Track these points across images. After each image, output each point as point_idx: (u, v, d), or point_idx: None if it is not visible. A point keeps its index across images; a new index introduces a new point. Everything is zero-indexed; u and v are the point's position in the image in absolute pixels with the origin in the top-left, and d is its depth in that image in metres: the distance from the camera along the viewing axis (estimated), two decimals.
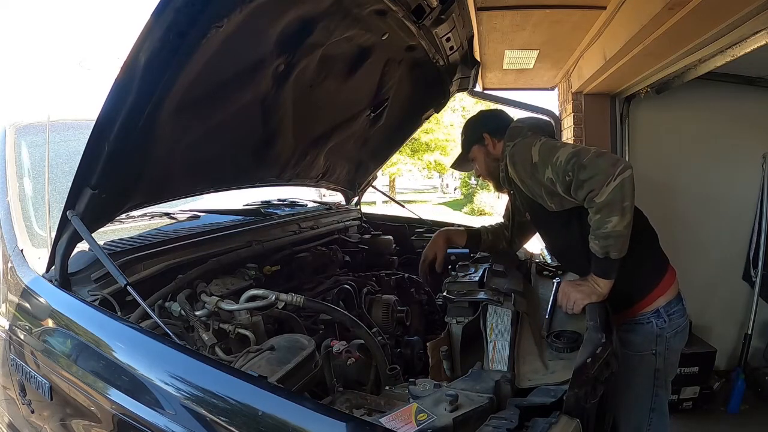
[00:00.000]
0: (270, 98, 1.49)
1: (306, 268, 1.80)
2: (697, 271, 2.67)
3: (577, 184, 1.28)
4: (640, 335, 1.44)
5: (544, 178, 1.37)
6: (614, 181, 1.23)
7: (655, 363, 1.44)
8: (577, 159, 1.28)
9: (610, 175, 1.23)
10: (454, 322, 1.34)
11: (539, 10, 2.17)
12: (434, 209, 16.77)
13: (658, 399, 1.47)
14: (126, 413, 0.90)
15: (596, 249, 1.32)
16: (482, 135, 1.66)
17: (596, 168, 1.25)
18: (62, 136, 1.70)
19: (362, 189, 2.66)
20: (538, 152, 1.39)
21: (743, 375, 2.80)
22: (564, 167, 1.30)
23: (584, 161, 1.27)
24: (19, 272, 1.27)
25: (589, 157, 1.27)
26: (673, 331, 1.44)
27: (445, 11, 1.48)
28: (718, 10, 1.60)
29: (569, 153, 1.31)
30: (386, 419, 0.86)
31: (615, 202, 1.24)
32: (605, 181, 1.24)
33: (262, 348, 1.07)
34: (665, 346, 1.44)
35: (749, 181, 2.93)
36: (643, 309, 1.44)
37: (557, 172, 1.32)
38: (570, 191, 1.32)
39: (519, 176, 1.47)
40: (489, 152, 1.66)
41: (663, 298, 1.45)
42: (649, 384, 1.46)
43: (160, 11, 0.90)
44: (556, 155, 1.33)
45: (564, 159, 1.30)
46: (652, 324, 1.43)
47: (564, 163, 1.30)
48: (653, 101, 2.87)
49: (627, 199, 1.24)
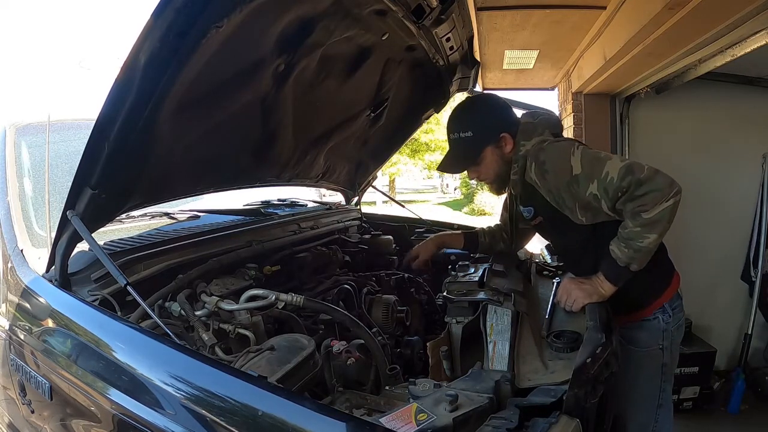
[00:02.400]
0: (270, 98, 1.48)
1: (306, 268, 1.80)
2: (697, 272, 2.66)
3: (628, 198, 1.23)
4: (647, 332, 1.45)
5: (586, 193, 1.28)
6: (666, 202, 1.20)
7: (663, 357, 1.45)
8: (633, 176, 1.21)
9: (666, 195, 1.20)
10: (454, 322, 1.34)
11: (539, 10, 2.18)
12: (434, 209, 16.76)
13: (665, 395, 1.49)
14: (126, 413, 0.90)
15: (620, 257, 1.28)
16: (501, 135, 1.44)
17: (654, 185, 1.21)
18: (62, 136, 1.70)
19: (362, 189, 2.66)
20: (579, 163, 1.29)
21: (743, 375, 2.80)
22: (618, 185, 1.22)
23: (641, 177, 1.21)
24: (19, 272, 1.27)
25: (645, 174, 1.21)
26: (676, 325, 1.47)
27: (445, 11, 1.48)
28: (718, 10, 1.60)
29: (621, 168, 1.23)
30: (386, 419, 0.86)
31: (662, 222, 1.22)
32: (661, 200, 1.20)
33: (262, 348, 1.07)
34: (671, 340, 1.46)
35: (749, 181, 2.93)
36: (653, 311, 1.45)
37: (607, 188, 1.24)
38: (616, 206, 1.26)
39: (547, 185, 1.36)
40: (503, 154, 1.46)
41: (667, 294, 1.47)
42: (657, 379, 1.47)
43: (160, 11, 0.90)
44: (605, 170, 1.24)
45: (617, 176, 1.23)
46: (659, 320, 1.44)
47: (618, 180, 1.22)
48: (653, 101, 2.88)
49: (670, 221, 1.23)
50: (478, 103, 1.58)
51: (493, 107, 1.54)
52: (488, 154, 1.47)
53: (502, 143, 1.46)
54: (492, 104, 1.55)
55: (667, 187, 1.21)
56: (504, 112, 1.52)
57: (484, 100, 1.61)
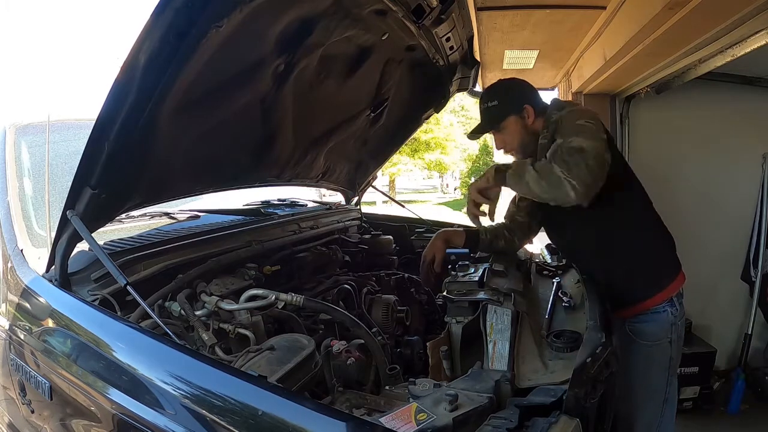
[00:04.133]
0: (270, 98, 1.49)
1: (306, 268, 1.80)
2: (697, 271, 2.64)
3: (563, 152, 1.31)
4: (656, 324, 1.47)
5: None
6: (569, 183, 1.28)
7: (670, 351, 1.47)
8: (582, 152, 1.29)
9: (572, 181, 1.28)
10: (454, 322, 1.34)
11: (539, 10, 2.18)
12: (434, 209, 16.75)
13: (671, 389, 1.51)
14: (126, 413, 0.90)
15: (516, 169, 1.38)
16: (524, 106, 1.55)
17: (582, 168, 1.28)
18: (62, 136, 1.70)
19: (362, 189, 2.66)
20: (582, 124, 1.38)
21: (743, 375, 2.80)
22: (568, 146, 1.31)
23: (586, 154, 1.29)
24: (19, 272, 1.26)
25: (589, 158, 1.28)
26: (681, 318, 1.49)
27: (445, 11, 1.48)
28: (718, 10, 1.60)
29: (583, 144, 1.31)
30: (386, 419, 0.86)
31: (547, 185, 1.31)
32: (569, 177, 1.28)
33: (262, 348, 1.07)
34: (678, 333, 1.48)
35: (749, 181, 2.93)
36: (662, 300, 1.47)
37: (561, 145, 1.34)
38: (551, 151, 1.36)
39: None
40: (526, 125, 1.57)
41: (675, 286, 1.49)
42: (665, 373, 1.49)
43: (160, 11, 0.90)
44: (576, 137, 1.33)
45: (575, 143, 1.31)
46: (668, 312, 1.46)
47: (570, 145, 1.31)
48: (653, 101, 2.87)
49: (546, 191, 1.32)
50: (506, 80, 1.69)
51: (520, 84, 1.65)
52: (511, 123, 1.57)
53: (524, 114, 1.56)
54: (518, 82, 1.66)
55: (581, 184, 1.27)
56: (529, 91, 1.63)
57: (511, 79, 1.72)
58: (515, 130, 1.58)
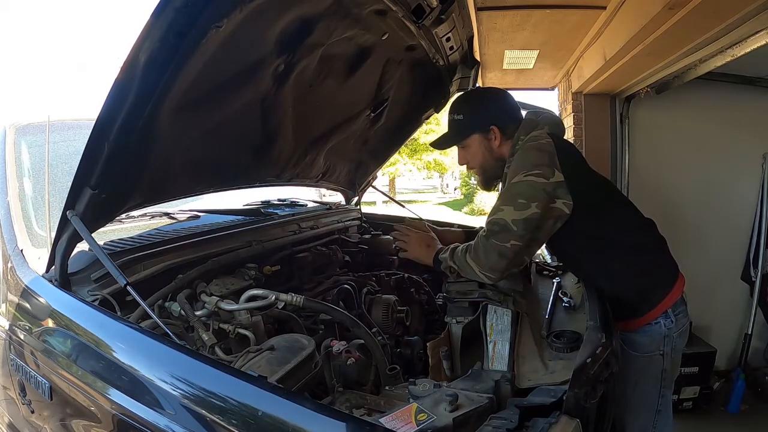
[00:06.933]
0: (270, 98, 1.48)
1: (306, 268, 1.80)
2: (697, 271, 2.64)
3: (486, 234, 1.32)
4: (648, 336, 1.43)
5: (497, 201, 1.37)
6: (478, 267, 1.32)
7: (663, 363, 1.43)
8: (497, 234, 1.29)
9: (483, 268, 1.31)
10: (454, 322, 1.34)
11: (539, 10, 2.17)
12: (434, 209, 16.76)
13: (664, 400, 1.47)
14: (126, 413, 0.90)
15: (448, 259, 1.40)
16: (491, 126, 1.47)
17: (492, 256, 1.29)
18: (62, 136, 1.70)
19: (362, 189, 2.66)
20: (516, 184, 1.33)
21: (743, 375, 2.80)
22: (496, 226, 1.31)
23: (496, 239, 1.29)
24: (19, 272, 1.26)
25: (503, 245, 1.28)
26: (678, 331, 1.44)
27: (445, 11, 1.48)
28: (718, 10, 1.60)
29: (512, 220, 1.28)
30: (386, 419, 0.86)
31: (469, 270, 1.34)
32: (478, 264, 1.31)
33: (262, 348, 1.07)
34: (672, 346, 1.43)
35: (749, 181, 2.93)
36: (655, 317, 1.42)
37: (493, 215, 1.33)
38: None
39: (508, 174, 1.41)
40: (491, 148, 1.49)
41: (670, 300, 1.44)
42: (657, 385, 1.45)
43: (160, 11, 0.90)
44: (503, 210, 1.31)
45: (504, 221, 1.29)
46: (660, 325, 1.42)
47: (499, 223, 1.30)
48: (653, 101, 2.87)
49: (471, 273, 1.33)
50: (479, 93, 1.62)
51: (492, 100, 1.55)
52: (475, 142, 1.50)
53: (491, 135, 1.48)
54: (492, 97, 1.57)
55: (494, 272, 1.30)
56: (502, 108, 1.53)
57: (485, 92, 1.65)
58: (478, 151, 1.51)
